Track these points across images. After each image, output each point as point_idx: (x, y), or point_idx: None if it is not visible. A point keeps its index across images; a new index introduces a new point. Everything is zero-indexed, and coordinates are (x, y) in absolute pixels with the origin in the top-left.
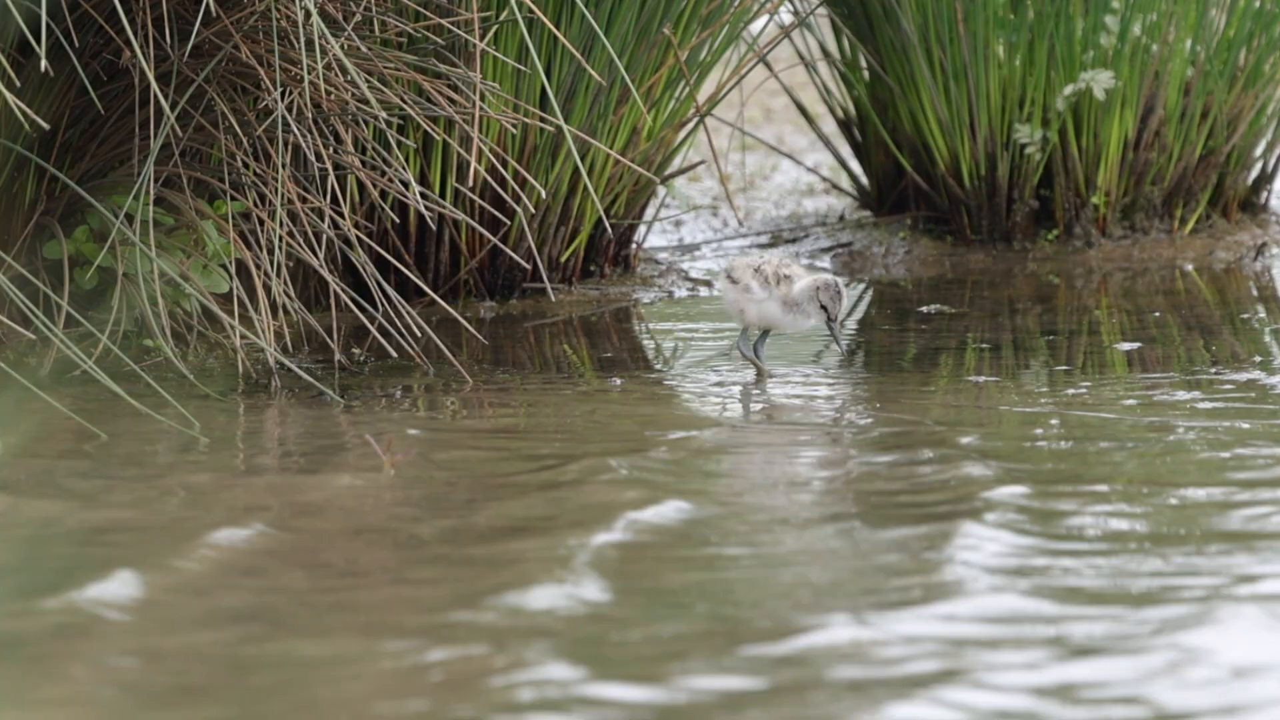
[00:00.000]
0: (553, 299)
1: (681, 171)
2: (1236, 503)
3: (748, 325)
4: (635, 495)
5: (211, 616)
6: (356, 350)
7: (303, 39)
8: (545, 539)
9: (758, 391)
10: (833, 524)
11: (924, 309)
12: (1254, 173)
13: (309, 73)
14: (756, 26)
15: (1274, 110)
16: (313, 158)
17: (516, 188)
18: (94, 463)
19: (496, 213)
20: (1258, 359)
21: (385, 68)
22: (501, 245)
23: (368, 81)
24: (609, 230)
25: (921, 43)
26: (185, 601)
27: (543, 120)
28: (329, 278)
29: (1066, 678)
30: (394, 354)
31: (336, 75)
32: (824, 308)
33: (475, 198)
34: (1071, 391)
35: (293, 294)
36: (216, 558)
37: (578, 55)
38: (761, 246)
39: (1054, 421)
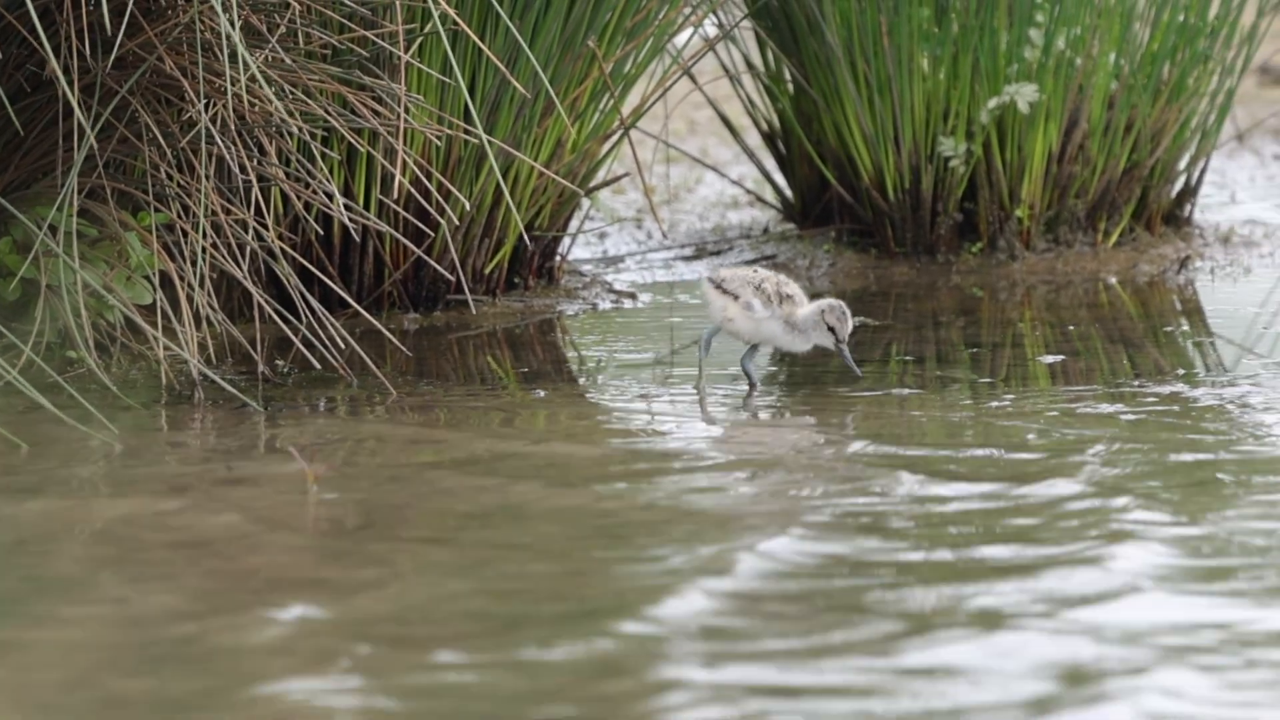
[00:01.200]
0: (475, 311)
1: (606, 184)
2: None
3: (746, 341)
4: (555, 500)
5: (133, 622)
6: (280, 362)
7: (226, 51)
8: (466, 545)
9: (686, 403)
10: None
11: (867, 321)
12: (1178, 186)
13: (233, 84)
14: (681, 39)
15: (1198, 124)
16: (236, 169)
17: (441, 200)
18: (15, 476)
19: (421, 225)
20: (1181, 372)
21: (309, 80)
22: (425, 257)
23: (292, 93)
24: (529, 243)
25: (846, 56)
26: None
27: (466, 132)
28: (252, 289)
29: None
30: (317, 366)
31: (261, 87)
32: (831, 330)
33: (399, 209)
34: (995, 404)
35: (216, 305)
36: (135, 565)
37: (502, 67)
38: (686, 259)
39: (973, 432)
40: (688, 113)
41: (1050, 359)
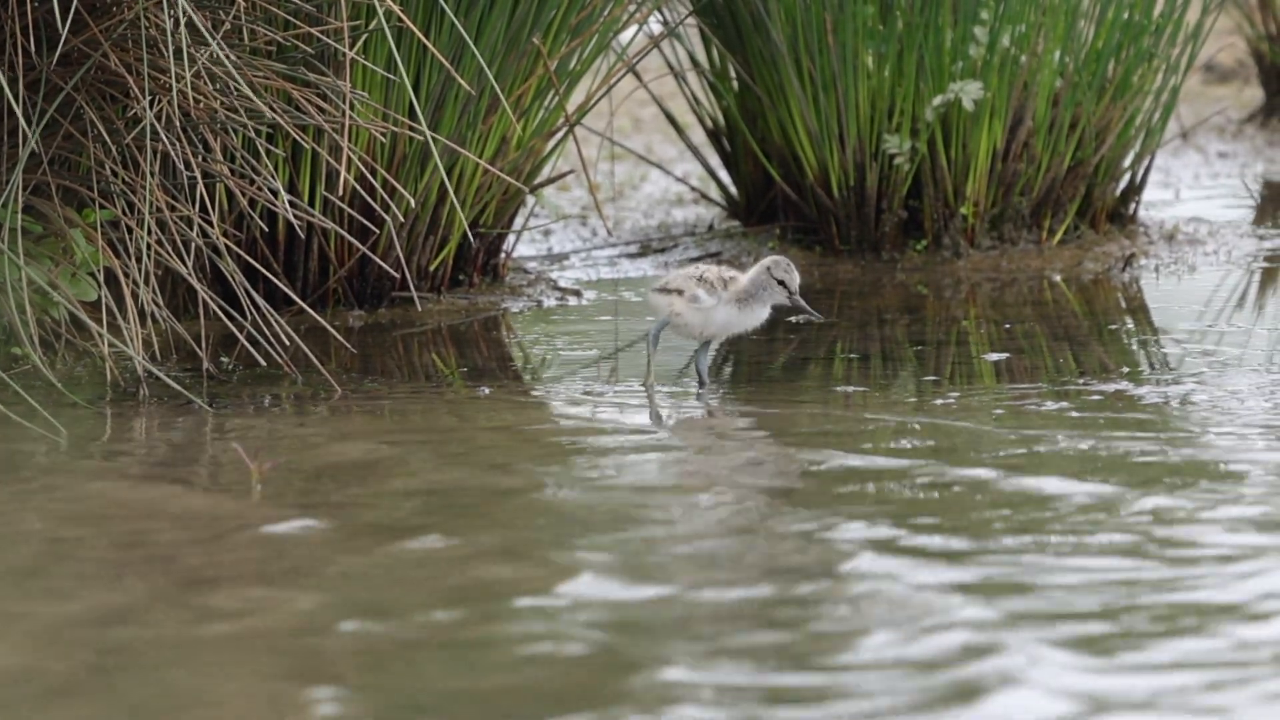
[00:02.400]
0: (419, 308)
1: (551, 181)
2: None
3: (699, 336)
4: (500, 497)
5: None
6: (225, 359)
7: (171, 47)
8: (413, 541)
9: (630, 399)
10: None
11: (793, 319)
12: (1122, 184)
13: (178, 81)
14: (626, 36)
15: (1142, 122)
16: (181, 166)
17: (386, 197)
18: None
19: (366, 221)
20: (1125, 369)
21: (254, 76)
22: (370, 254)
23: (237, 90)
24: (473, 240)
25: (791, 53)
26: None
27: (411, 129)
28: (197, 286)
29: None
30: (262, 362)
31: (205, 84)
32: (782, 283)
33: (344, 206)
34: (939, 401)
35: (161, 302)
36: (77, 563)
37: (447, 64)
38: (631, 256)
39: (918, 427)
40: (633, 110)
41: (995, 357)
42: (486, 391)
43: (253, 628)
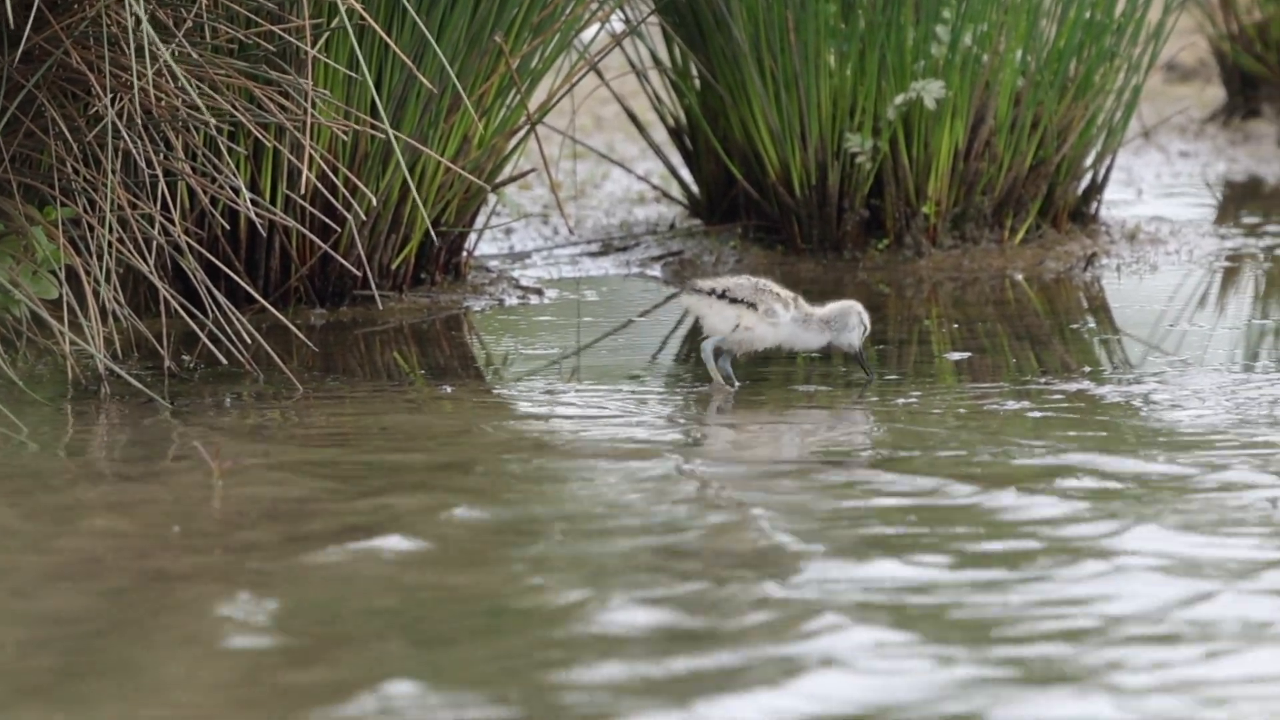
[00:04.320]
0: (381, 307)
1: (512, 179)
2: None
3: (749, 350)
4: (458, 500)
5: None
6: (187, 357)
7: (133, 45)
8: (373, 541)
9: (597, 399)
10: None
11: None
12: (1084, 183)
13: (139, 79)
14: (588, 34)
15: (1104, 121)
16: (143, 164)
17: (347, 195)
18: None
19: (327, 220)
20: (1087, 369)
21: (216, 74)
22: (332, 252)
23: (198, 88)
24: (435, 239)
25: (753, 51)
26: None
27: (373, 128)
28: (159, 284)
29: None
30: (224, 361)
31: (167, 81)
32: (864, 329)
33: (306, 205)
34: (901, 401)
35: (123, 300)
36: (40, 562)
37: (409, 62)
38: (592, 255)
39: (883, 428)
40: (594, 108)
41: (957, 356)
42: (449, 390)
43: (216, 625)
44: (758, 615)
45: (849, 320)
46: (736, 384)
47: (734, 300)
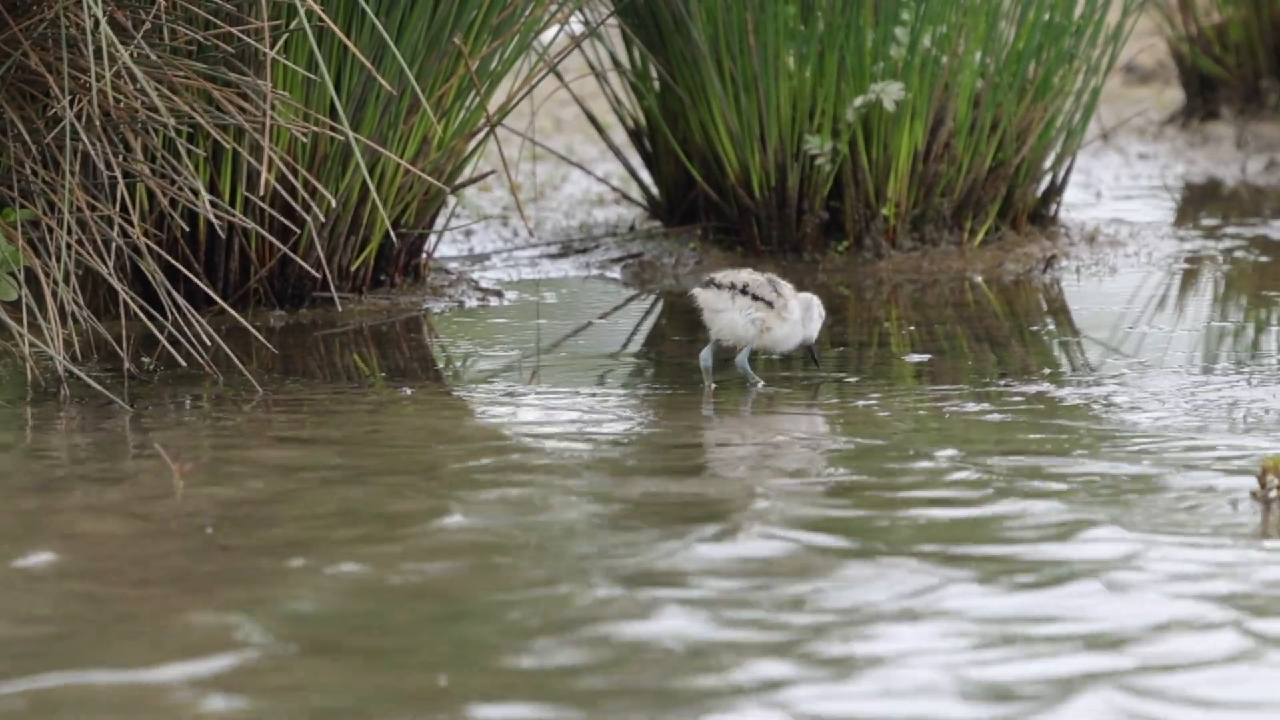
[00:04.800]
0: (339, 309)
1: (472, 181)
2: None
3: (764, 348)
4: (419, 504)
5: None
6: (146, 359)
7: (91, 46)
8: (332, 545)
9: (556, 401)
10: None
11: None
12: (1043, 185)
13: (98, 80)
14: (547, 36)
15: (1063, 123)
16: (102, 166)
17: (307, 197)
18: None
19: (287, 221)
20: (1047, 371)
21: (175, 76)
22: (291, 254)
23: (157, 89)
24: (395, 241)
25: (712, 53)
26: None
27: (333, 129)
28: (118, 286)
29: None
30: (183, 363)
31: (126, 83)
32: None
33: (265, 206)
34: (861, 403)
35: (82, 302)
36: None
37: (368, 64)
38: (552, 257)
39: (839, 428)
40: (554, 110)
41: (917, 358)
42: (409, 392)
43: (178, 626)
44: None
45: (813, 313)
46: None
47: (757, 298)
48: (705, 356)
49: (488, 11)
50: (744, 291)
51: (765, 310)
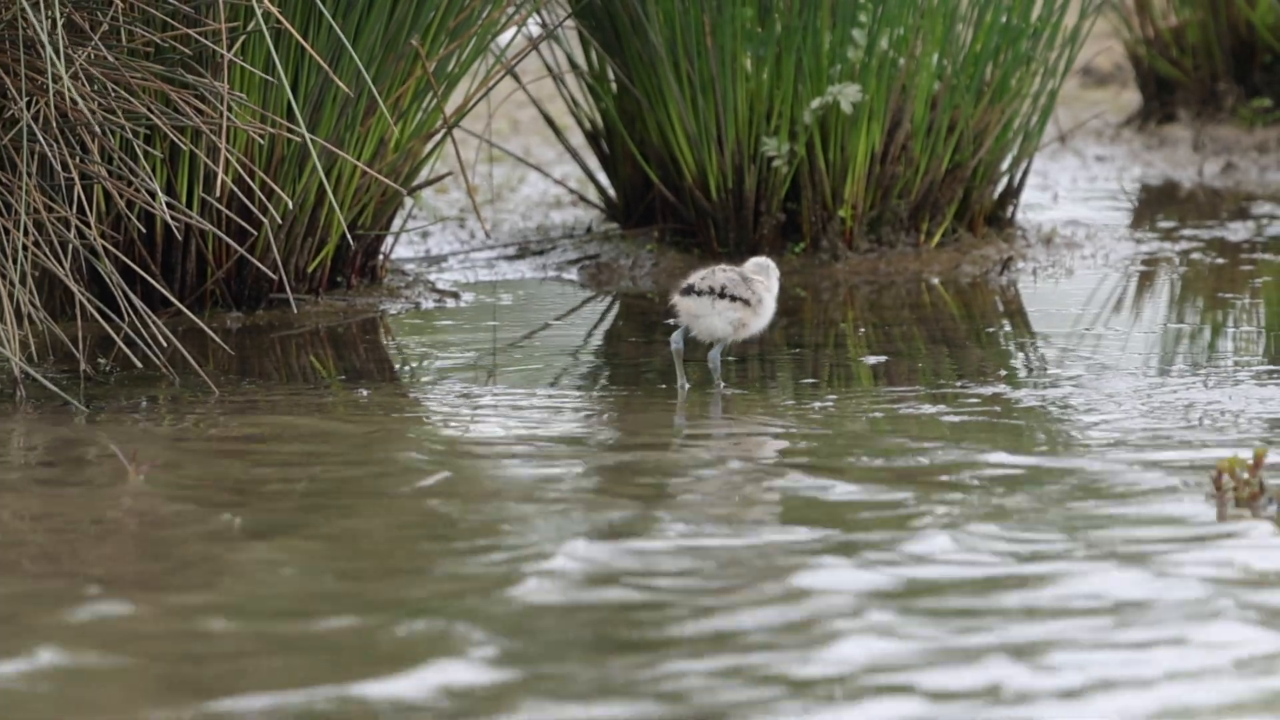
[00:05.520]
0: (297, 310)
1: (429, 183)
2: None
3: (744, 338)
4: (374, 503)
5: None
6: (103, 360)
7: (48, 48)
8: (287, 542)
9: (511, 404)
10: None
11: (671, 321)
12: (1000, 187)
13: (55, 82)
14: (505, 38)
15: (1020, 125)
16: (59, 167)
17: (264, 198)
18: None
19: (244, 223)
20: (1003, 373)
21: (132, 77)
22: (248, 256)
23: (114, 91)
24: (351, 242)
25: (669, 55)
26: None
27: (289, 131)
28: (74, 287)
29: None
30: (140, 364)
31: (83, 84)
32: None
33: (222, 208)
34: (818, 404)
35: (38, 303)
36: None
37: (325, 66)
38: (509, 258)
39: (795, 428)
40: (511, 112)
41: (873, 360)
42: (365, 393)
43: (131, 626)
44: None
45: (772, 276)
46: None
47: (734, 299)
48: (676, 339)
49: (445, 13)
50: (722, 294)
51: (743, 309)
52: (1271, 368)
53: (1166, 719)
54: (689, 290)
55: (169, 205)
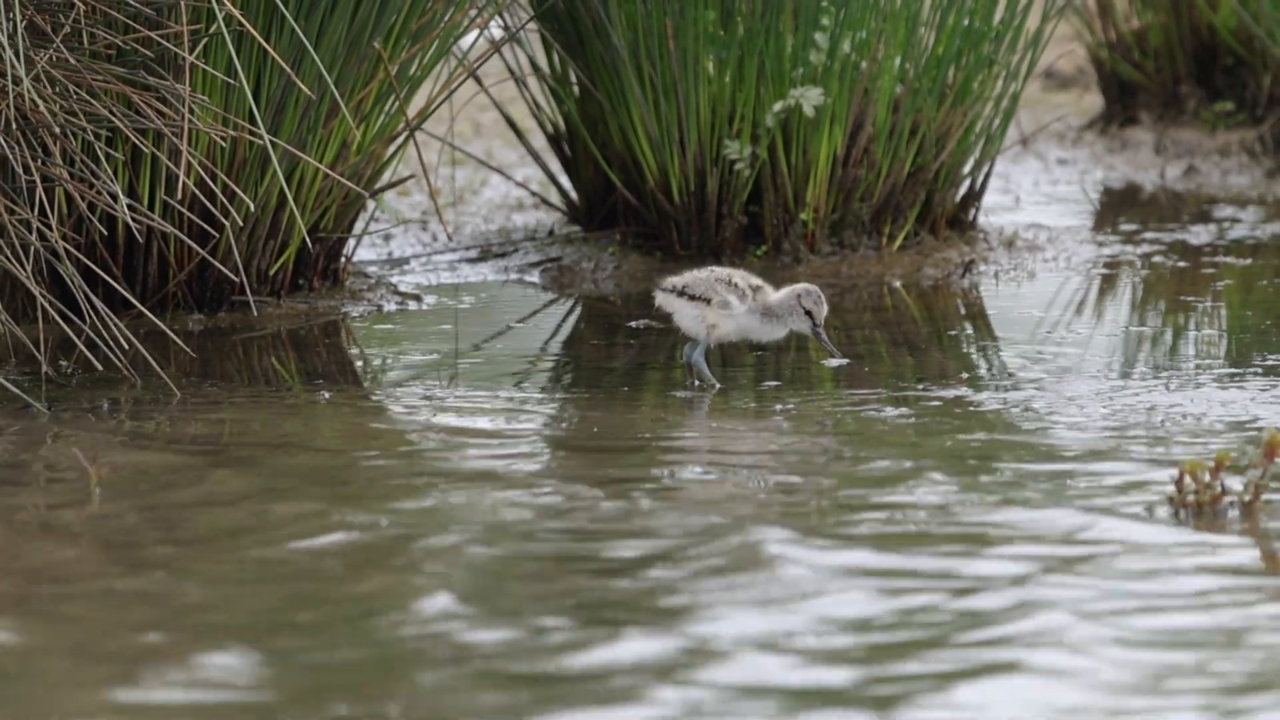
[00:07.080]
0: (259, 313)
1: (391, 186)
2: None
3: (716, 340)
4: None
5: None
6: (64, 362)
7: (9, 50)
8: (247, 547)
9: (473, 406)
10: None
11: (633, 324)
12: (962, 190)
13: (16, 84)
14: (467, 41)
15: (982, 128)
16: (20, 170)
17: (225, 201)
18: None
19: (205, 226)
20: (965, 375)
21: (94, 80)
22: (210, 258)
23: (76, 94)
24: (313, 245)
25: (631, 58)
26: None
27: (251, 134)
28: (35, 290)
29: None
30: (101, 367)
31: (45, 87)
32: (809, 313)
33: (184, 210)
34: (779, 407)
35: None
36: None
37: (287, 68)
38: (471, 261)
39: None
40: (473, 115)
41: (835, 362)
42: (327, 395)
43: (97, 628)
44: None
45: (789, 306)
46: (714, 383)
47: (693, 298)
48: (687, 351)
49: (407, 16)
50: (682, 293)
51: (704, 308)
52: (1233, 371)
53: None
54: (666, 288)
55: (130, 208)
